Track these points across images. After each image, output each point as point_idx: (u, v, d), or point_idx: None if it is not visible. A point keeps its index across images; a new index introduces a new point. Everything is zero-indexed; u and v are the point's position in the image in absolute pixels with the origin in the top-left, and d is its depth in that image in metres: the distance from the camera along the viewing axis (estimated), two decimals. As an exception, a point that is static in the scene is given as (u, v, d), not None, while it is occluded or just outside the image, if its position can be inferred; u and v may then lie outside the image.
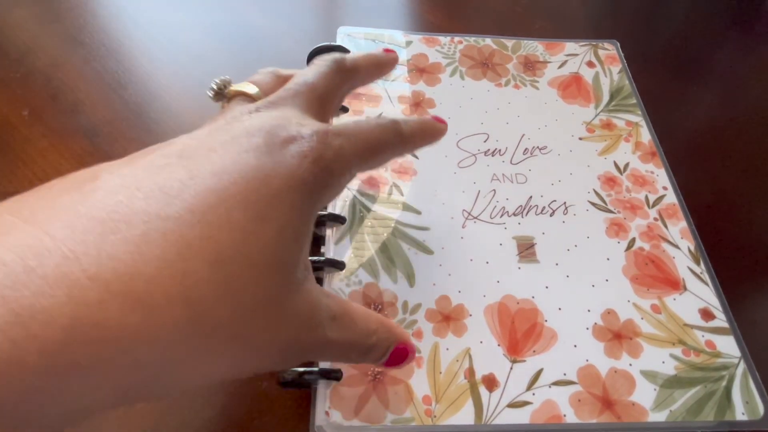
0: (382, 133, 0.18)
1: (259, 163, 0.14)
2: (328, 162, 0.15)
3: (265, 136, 0.15)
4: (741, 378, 0.24)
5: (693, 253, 0.28)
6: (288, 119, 0.16)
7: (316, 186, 0.15)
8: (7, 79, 0.35)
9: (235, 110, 0.17)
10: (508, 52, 0.37)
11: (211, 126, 0.16)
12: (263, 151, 0.14)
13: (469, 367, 0.23)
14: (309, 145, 0.15)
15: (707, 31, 0.43)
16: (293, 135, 0.15)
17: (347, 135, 0.17)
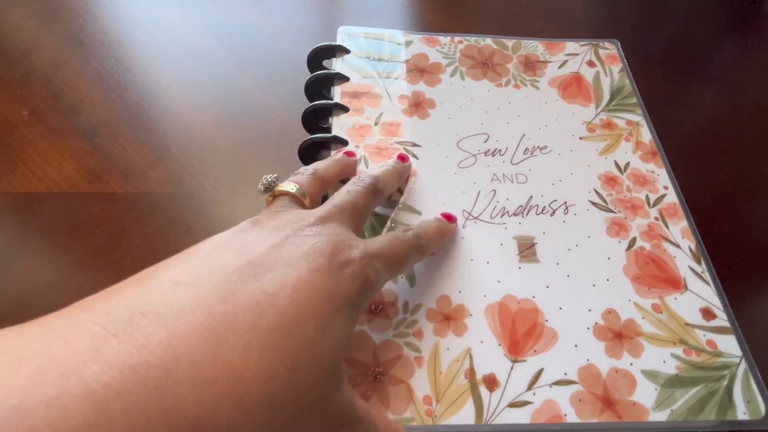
0: (407, 250, 0.22)
1: (324, 283, 0.17)
2: (372, 283, 0.19)
3: (329, 259, 0.18)
4: (742, 377, 0.24)
5: (694, 252, 0.28)
6: (342, 240, 0.19)
7: (360, 301, 0.19)
8: (7, 79, 0.35)
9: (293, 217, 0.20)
10: (508, 51, 0.37)
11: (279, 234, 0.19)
12: (327, 272, 0.17)
13: (470, 366, 0.23)
14: (359, 270, 0.19)
15: (708, 30, 0.43)
16: (348, 259, 0.19)
17: (382, 257, 0.20)
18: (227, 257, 0.17)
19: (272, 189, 0.23)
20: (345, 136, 0.30)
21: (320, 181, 0.24)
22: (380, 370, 0.23)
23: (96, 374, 0.12)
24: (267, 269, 0.17)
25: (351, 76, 0.33)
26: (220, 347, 0.14)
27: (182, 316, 0.14)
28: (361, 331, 0.24)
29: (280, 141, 0.33)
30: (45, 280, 0.26)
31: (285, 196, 0.23)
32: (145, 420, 0.12)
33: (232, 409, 0.14)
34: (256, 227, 0.19)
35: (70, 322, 0.14)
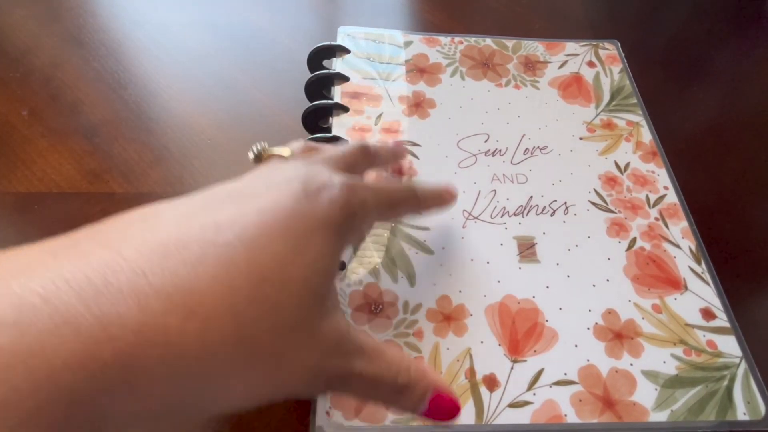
0: (401, 192, 0.21)
1: (298, 205, 0.16)
2: (354, 209, 0.18)
3: (302, 183, 0.17)
4: (742, 378, 0.24)
5: (694, 252, 0.28)
6: (321, 171, 0.18)
7: (343, 228, 0.17)
8: (7, 79, 0.34)
9: (274, 164, 0.19)
10: (508, 52, 0.37)
11: (253, 174, 0.18)
12: (300, 196, 0.16)
13: (470, 367, 0.23)
14: (339, 193, 0.17)
15: (708, 31, 0.43)
16: (325, 182, 0.17)
17: (371, 189, 0.19)
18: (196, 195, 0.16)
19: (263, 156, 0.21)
20: (345, 136, 0.30)
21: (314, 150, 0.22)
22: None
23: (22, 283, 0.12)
24: (232, 199, 0.16)
25: (351, 76, 0.33)
26: (169, 260, 0.13)
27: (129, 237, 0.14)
28: (362, 332, 0.24)
29: (280, 141, 0.33)
30: (45, 280, 0.26)
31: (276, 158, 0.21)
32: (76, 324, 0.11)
33: (183, 320, 0.13)
34: None
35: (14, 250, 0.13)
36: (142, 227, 0.14)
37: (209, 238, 0.14)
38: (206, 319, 0.13)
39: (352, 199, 0.17)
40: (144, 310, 0.12)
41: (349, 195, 0.17)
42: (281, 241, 0.15)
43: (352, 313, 0.24)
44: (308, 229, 0.16)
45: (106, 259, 0.13)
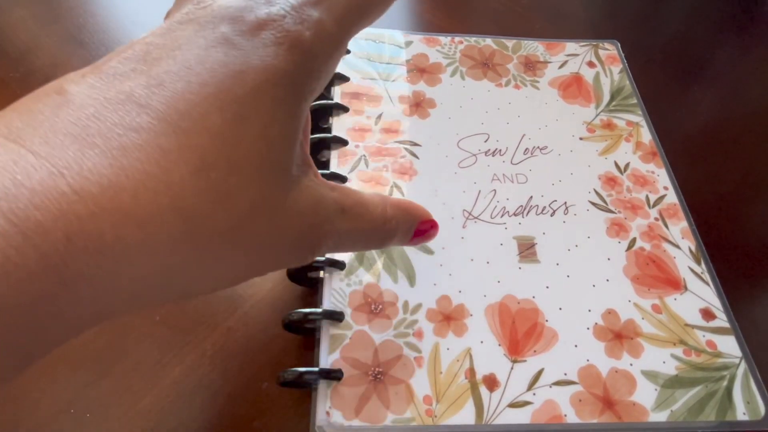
0: None
1: (228, 58, 0.13)
2: (309, 45, 0.14)
3: (232, 24, 0.13)
4: (742, 378, 0.24)
5: (694, 252, 0.28)
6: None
7: (298, 75, 0.14)
8: (7, 79, 0.35)
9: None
10: (508, 52, 0.37)
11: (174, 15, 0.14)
12: (231, 42, 0.13)
13: (470, 367, 0.23)
14: (283, 29, 0.13)
15: (708, 31, 0.43)
16: (262, 18, 0.13)
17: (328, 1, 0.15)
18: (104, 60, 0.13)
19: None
20: (345, 136, 0.30)
21: None
22: (380, 370, 0.23)
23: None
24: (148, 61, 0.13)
25: (351, 77, 0.33)
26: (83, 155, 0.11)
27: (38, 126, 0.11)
28: (361, 332, 0.24)
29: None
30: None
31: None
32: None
33: (119, 225, 0.11)
34: None
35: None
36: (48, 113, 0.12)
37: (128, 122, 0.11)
38: (145, 222, 0.11)
39: (302, 33, 0.14)
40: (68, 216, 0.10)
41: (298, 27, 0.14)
42: (215, 112, 0.12)
43: (351, 313, 0.24)
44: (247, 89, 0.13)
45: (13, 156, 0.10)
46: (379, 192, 0.28)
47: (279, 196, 0.14)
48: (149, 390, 0.23)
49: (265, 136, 0.13)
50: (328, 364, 0.23)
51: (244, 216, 0.13)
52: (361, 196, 0.17)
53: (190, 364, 0.24)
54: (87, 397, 0.22)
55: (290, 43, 0.13)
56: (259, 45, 0.13)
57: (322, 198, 0.15)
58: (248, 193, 0.13)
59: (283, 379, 0.22)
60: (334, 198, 0.16)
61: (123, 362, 0.23)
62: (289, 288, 0.26)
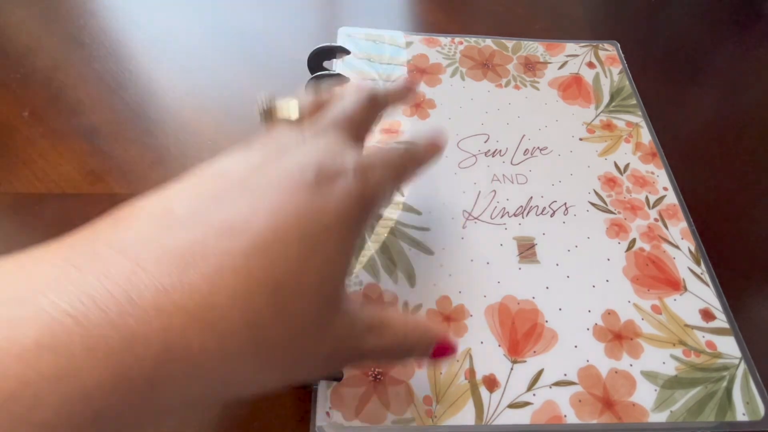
0: (404, 158, 0.21)
1: (311, 200, 0.16)
2: (369, 197, 0.17)
3: (316, 173, 0.16)
4: (741, 379, 0.24)
5: (693, 253, 0.28)
6: (333, 152, 0.17)
7: (358, 217, 0.17)
8: (8, 80, 0.35)
9: (284, 138, 0.18)
10: (508, 52, 0.37)
11: (264, 153, 0.17)
12: (314, 189, 0.16)
13: (470, 367, 0.23)
14: (353, 183, 0.17)
15: (707, 32, 0.43)
16: (339, 171, 0.17)
17: (381, 166, 0.19)
18: (204, 181, 0.16)
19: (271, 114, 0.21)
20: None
21: None
22: (380, 371, 0.23)
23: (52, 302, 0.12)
24: (245, 190, 0.15)
25: (351, 77, 0.33)
26: (188, 274, 0.13)
27: (148, 244, 0.13)
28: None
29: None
30: (46, 281, 0.26)
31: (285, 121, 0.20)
32: (106, 346, 0.12)
33: (204, 336, 0.13)
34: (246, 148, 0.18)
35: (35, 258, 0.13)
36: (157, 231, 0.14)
37: (225, 247, 0.14)
38: (225, 334, 0.13)
39: (366, 188, 0.17)
40: (167, 330, 0.12)
41: (363, 182, 0.17)
42: (295, 244, 0.15)
43: (352, 313, 0.24)
44: (322, 228, 0.15)
45: (126, 273, 0.13)
46: None
47: (325, 318, 0.16)
48: (150, 391, 0.23)
49: (327, 267, 0.16)
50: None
51: (298, 332, 0.15)
52: (386, 316, 0.19)
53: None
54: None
55: (356, 194, 0.17)
56: (334, 193, 0.16)
57: (355, 320, 0.17)
58: (305, 313, 0.15)
59: (284, 379, 0.22)
60: (363, 319, 0.18)
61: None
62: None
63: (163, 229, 0.14)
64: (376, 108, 0.22)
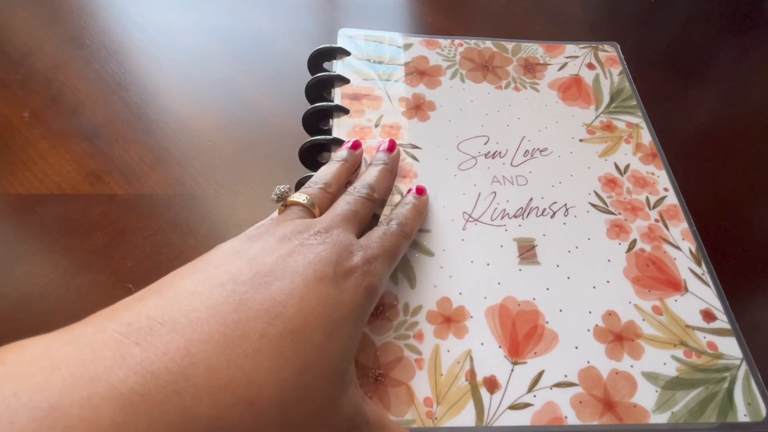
0: (398, 242, 0.23)
1: (331, 292, 0.18)
2: (375, 286, 0.20)
3: (334, 267, 0.19)
4: (743, 380, 0.24)
5: (694, 254, 0.28)
6: (345, 247, 0.21)
7: (366, 306, 0.20)
8: (8, 81, 0.35)
9: (300, 226, 0.21)
10: (508, 54, 0.37)
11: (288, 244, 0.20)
12: (333, 281, 0.19)
13: (470, 368, 0.23)
14: (362, 277, 0.20)
15: (707, 33, 0.43)
16: (351, 267, 0.20)
17: (380, 257, 0.22)
18: (238, 266, 0.18)
19: (284, 199, 0.24)
20: (345, 138, 0.30)
21: (330, 195, 0.25)
22: (381, 372, 0.23)
23: (122, 379, 0.13)
24: (276, 278, 0.18)
25: (351, 78, 0.33)
26: (233, 353, 0.15)
27: (198, 324, 0.15)
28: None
29: (280, 143, 0.33)
30: (46, 282, 0.26)
31: (296, 206, 0.24)
32: (166, 421, 0.13)
33: (244, 412, 0.15)
34: (264, 236, 0.20)
35: (96, 330, 0.15)
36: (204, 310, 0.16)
37: (263, 330, 0.16)
38: (261, 410, 0.15)
39: (372, 280, 0.20)
40: (215, 406, 0.14)
41: (370, 276, 0.20)
42: (320, 330, 0.17)
43: (352, 314, 0.24)
44: (341, 315, 0.18)
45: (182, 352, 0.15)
46: None
47: (338, 398, 0.18)
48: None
49: (343, 351, 0.18)
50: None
51: (315, 410, 0.17)
52: (383, 416, 0.20)
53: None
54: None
55: (366, 286, 0.20)
56: (349, 286, 0.19)
57: (360, 407, 0.19)
58: (324, 392, 0.17)
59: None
60: (365, 410, 0.19)
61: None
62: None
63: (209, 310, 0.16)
64: (374, 205, 0.25)
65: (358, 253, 0.21)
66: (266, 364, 0.16)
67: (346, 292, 0.19)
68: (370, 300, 0.20)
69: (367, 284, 0.20)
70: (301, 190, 0.25)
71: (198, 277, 0.17)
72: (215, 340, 0.15)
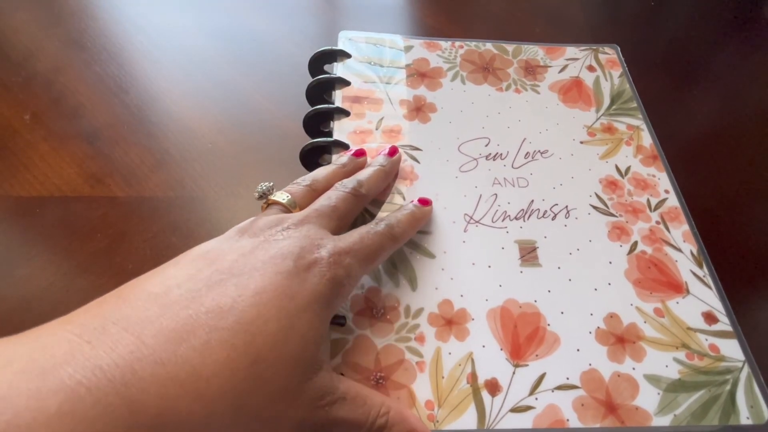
0: (381, 241, 0.23)
1: (290, 283, 0.18)
2: (341, 279, 0.20)
3: (295, 260, 0.19)
4: (745, 382, 0.23)
5: (695, 256, 0.28)
6: (312, 241, 0.20)
7: (331, 297, 0.19)
8: (9, 83, 0.35)
9: (271, 222, 0.21)
10: (508, 56, 0.37)
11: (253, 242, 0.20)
12: (293, 273, 0.19)
13: (472, 371, 0.23)
14: (327, 268, 0.20)
15: (707, 34, 0.43)
16: (315, 259, 0.20)
17: (354, 252, 0.21)
18: (199, 267, 0.18)
19: (266, 197, 0.24)
20: (346, 140, 0.30)
21: (315, 193, 0.25)
22: (382, 375, 0.23)
23: (70, 374, 0.14)
24: (233, 275, 0.18)
25: (352, 81, 0.34)
26: (181, 347, 0.16)
27: (149, 322, 0.16)
28: (363, 336, 0.24)
29: (281, 145, 0.33)
30: (46, 284, 0.26)
31: (276, 205, 0.24)
32: (112, 412, 0.14)
33: (192, 403, 0.15)
34: (236, 235, 0.20)
35: (51, 332, 0.15)
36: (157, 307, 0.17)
37: (213, 324, 0.16)
38: (211, 401, 0.16)
39: (338, 271, 0.20)
40: (162, 397, 0.15)
41: (336, 267, 0.20)
42: (274, 321, 0.17)
43: (353, 317, 0.24)
44: (298, 307, 0.18)
45: (131, 348, 0.15)
46: None
47: (299, 384, 0.18)
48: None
49: (301, 342, 0.18)
50: (329, 368, 0.23)
51: (274, 398, 0.17)
52: (363, 390, 0.20)
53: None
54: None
55: (330, 278, 0.19)
56: (310, 277, 0.19)
57: (330, 388, 0.19)
58: (281, 382, 0.17)
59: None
60: (339, 388, 0.19)
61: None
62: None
63: (162, 308, 0.16)
64: (359, 201, 0.25)
65: (327, 245, 0.21)
66: (215, 356, 0.16)
67: (305, 283, 0.19)
68: (335, 292, 0.20)
69: (331, 276, 0.20)
70: (285, 188, 0.25)
71: (158, 278, 0.18)
72: (164, 335, 0.16)
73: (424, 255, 0.27)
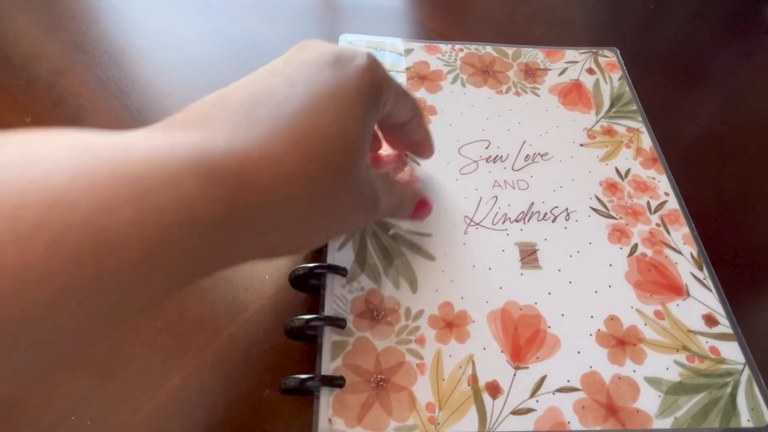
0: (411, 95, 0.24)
1: (335, 75, 0.19)
2: (379, 78, 0.20)
3: (335, 56, 0.20)
4: (746, 384, 0.23)
5: (696, 258, 0.28)
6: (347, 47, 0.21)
7: (371, 95, 0.20)
8: (10, 86, 0.35)
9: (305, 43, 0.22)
10: (508, 59, 0.37)
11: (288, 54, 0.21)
12: (335, 67, 0.19)
13: (473, 373, 0.23)
14: (367, 61, 0.20)
15: (707, 37, 0.43)
16: (354, 53, 0.20)
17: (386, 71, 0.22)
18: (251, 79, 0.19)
19: None
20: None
21: None
22: (383, 377, 0.23)
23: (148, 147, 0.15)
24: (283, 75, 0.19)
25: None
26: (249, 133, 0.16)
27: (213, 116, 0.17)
28: (364, 338, 0.24)
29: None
30: (46, 287, 0.26)
31: None
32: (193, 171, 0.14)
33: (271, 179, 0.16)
34: None
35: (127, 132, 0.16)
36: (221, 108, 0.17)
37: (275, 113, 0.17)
38: (286, 178, 0.16)
39: (377, 69, 0.20)
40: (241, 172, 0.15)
41: (374, 64, 0.20)
42: (331, 108, 0.18)
43: (354, 319, 0.24)
44: (349, 97, 0.19)
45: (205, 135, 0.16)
46: None
47: (361, 169, 0.19)
48: (150, 398, 0.23)
49: (357, 127, 0.19)
50: (330, 371, 0.23)
51: (343, 179, 0.18)
52: (389, 179, 0.24)
53: (191, 371, 0.24)
54: (88, 404, 0.22)
55: (371, 71, 0.20)
56: (352, 68, 0.20)
57: (376, 179, 0.21)
58: (348, 164, 0.18)
59: (285, 386, 0.22)
60: (380, 181, 0.22)
61: (124, 369, 0.23)
62: (291, 294, 0.26)
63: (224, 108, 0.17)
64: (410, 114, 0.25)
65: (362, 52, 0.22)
66: (282, 140, 0.17)
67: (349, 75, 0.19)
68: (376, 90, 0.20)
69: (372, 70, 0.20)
70: None
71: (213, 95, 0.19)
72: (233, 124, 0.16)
73: (425, 257, 0.27)
